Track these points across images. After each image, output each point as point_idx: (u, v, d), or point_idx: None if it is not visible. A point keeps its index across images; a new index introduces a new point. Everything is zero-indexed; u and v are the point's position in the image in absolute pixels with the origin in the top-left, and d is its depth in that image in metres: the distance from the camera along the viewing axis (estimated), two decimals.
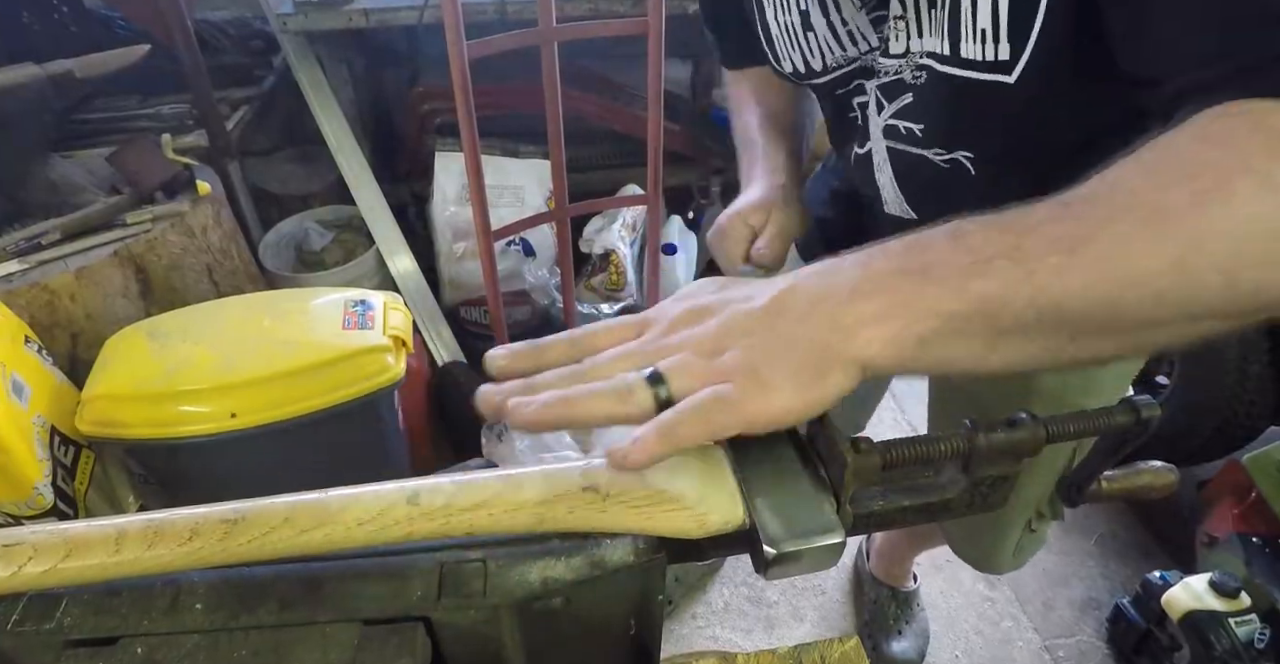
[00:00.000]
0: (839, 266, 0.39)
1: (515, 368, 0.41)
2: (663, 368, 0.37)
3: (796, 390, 0.36)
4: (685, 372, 0.37)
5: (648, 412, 0.36)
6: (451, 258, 1.89)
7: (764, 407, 0.35)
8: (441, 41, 1.23)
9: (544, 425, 0.37)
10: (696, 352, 0.38)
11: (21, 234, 1.32)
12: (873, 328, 0.36)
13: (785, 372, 0.36)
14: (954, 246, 0.37)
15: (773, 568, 0.35)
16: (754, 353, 0.36)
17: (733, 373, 0.36)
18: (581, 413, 0.36)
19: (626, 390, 0.36)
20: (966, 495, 0.40)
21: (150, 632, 0.34)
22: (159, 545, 0.34)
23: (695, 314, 0.40)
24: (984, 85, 0.52)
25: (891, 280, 0.37)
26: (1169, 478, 0.48)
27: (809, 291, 0.38)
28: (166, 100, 1.72)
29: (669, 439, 0.34)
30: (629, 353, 0.40)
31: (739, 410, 0.35)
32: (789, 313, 0.38)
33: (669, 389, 0.36)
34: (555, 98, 1.40)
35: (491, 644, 0.37)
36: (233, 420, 1.15)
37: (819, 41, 0.62)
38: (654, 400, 0.36)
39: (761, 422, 0.35)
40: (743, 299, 0.40)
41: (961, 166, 0.60)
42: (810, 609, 1.54)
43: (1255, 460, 1.36)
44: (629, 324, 0.42)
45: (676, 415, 0.35)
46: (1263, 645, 1.20)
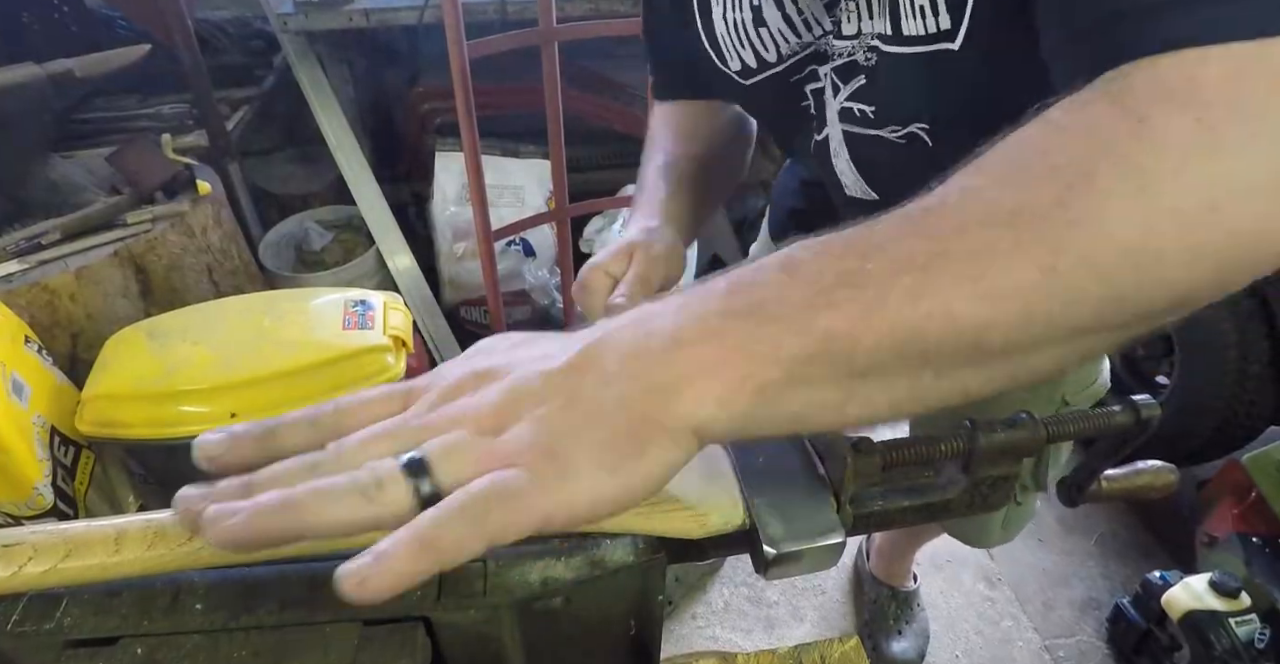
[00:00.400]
0: (655, 312, 0.32)
1: (233, 458, 0.32)
2: (427, 452, 0.30)
3: (607, 473, 0.29)
4: (456, 455, 0.29)
5: (404, 512, 0.28)
6: (451, 258, 1.89)
7: (563, 497, 0.29)
8: (441, 41, 1.23)
9: (258, 543, 0.28)
10: (474, 428, 0.30)
11: (21, 234, 1.32)
12: (700, 383, 0.30)
13: (591, 450, 0.29)
14: (788, 279, 0.31)
15: (773, 568, 0.35)
16: (548, 426, 0.30)
17: (520, 454, 0.29)
18: (311, 521, 0.28)
19: (374, 484, 0.28)
20: (966, 495, 0.40)
21: (150, 632, 0.34)
22: (159, 545, 0.34)
23: (477, 379, 0.33)
24: (931, 57, 0.52)
25: (718, 323, 0.31)
26: (1169, 478, 0.48)
27: (619, 345, 0.31)
28: (166, 100, 1.72)
29: (429, 552, 0.27)
30: (384, 433, 0.32)
31: (531, 504, 0.28)
32: (594, 373, 0.31)
33: (434, 480, 0.29)
34: (555, 98, 1.40)
35: (491, 644, 0.37)
36: (233, 420, 1.14)
37: (771, 34, 0.61)
38: (412, 496, 0.29)
39: (562, 517, 0.29)
40: (538, 358, 0.32)
41: (918, 139, 0.59)
42: (810, 609, 1.54)
43: (1255, 460, 1.36)
44: (394, 394, 0.34)
45: (440, 517, 0.27)
46: (1263, 645, 1.20)
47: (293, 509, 0.28)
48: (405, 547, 0.27)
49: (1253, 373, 1.44)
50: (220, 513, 0.28)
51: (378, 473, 0.29)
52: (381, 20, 1.71)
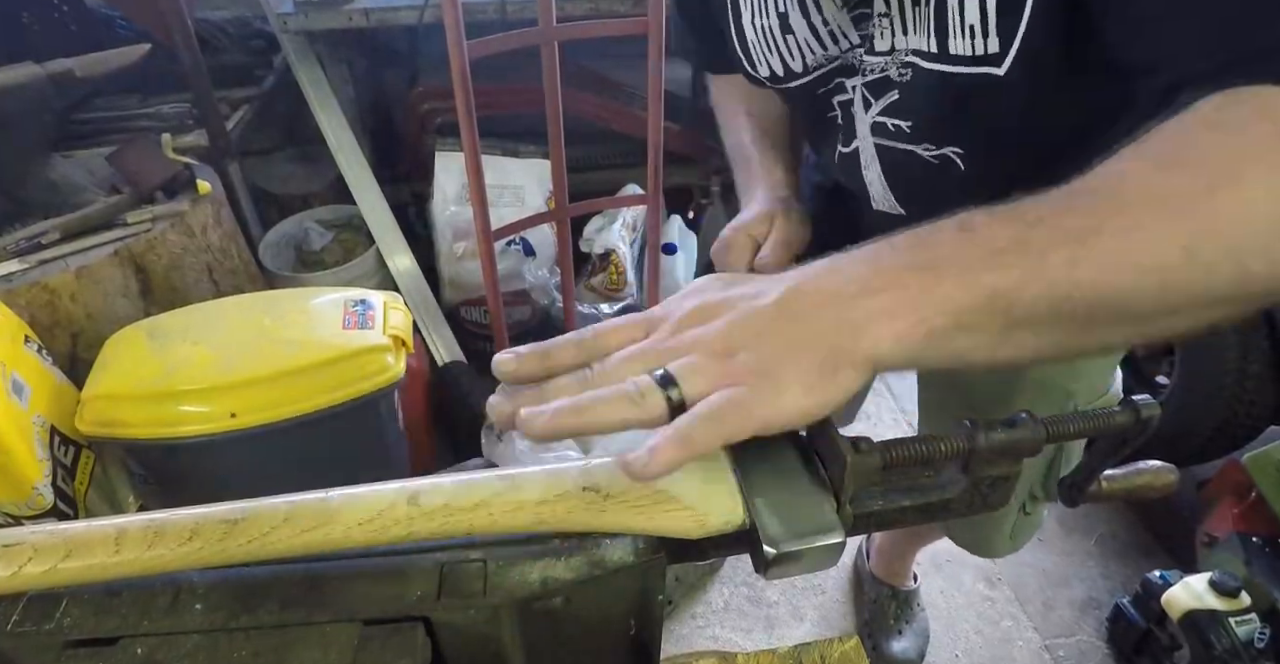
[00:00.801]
0: (846, 263, 0.38)
1: (523, 372, 0.40)
2: (674, 370, 0.36)
3: (808, 390, 0.35)
4: (697, 373, 0.36)
5: (661, 415, 0.35)
6: (451, 258, 1.89)
7: (778, 408, 0.35)
8: (442, 41, 1.23)
9: (559, 434, 0.36)
10: (707, 352, 0.37)
11: (21, 234, 1.32)
12: (882, 325, 0.35)
13: (797, 372, 0.35)
14: (962, 240, 0.37)
15: (773, 568, 0.35)
16: (764, 353, 0.36)
17: (744, 374, 0.35)
18: (594, 420, 0.35)
19: (638, 395, 0.35)
20: (966, 495, 0.40)
21: (150, 632, 0.34)
22: (159, 545, 0.34)
23: (703, 312, 0.39)
24: (973, 79, 0.52)
25: (900, 276, 0.36)
26: (1169, 478, 0.48)
27: (817, 289, 0.38)
28: (166, 100, 1.72)
29: (686, 446, 0.34)
30: (638, 354, 0.39)
31: (753, 413, 0.35)
32: (798, 311, 0.37)
33: (681, 392, 0.35)
34: (555, 98, 1.40)
35: (491, 644, 0.37)
36: (233, 420, 1.15)
37: (798, 43, 0.62)
38: (666, 404, 0.35)
39: (776, 423, 0.35)
40: (751, 296, 0.39)
41: (951, 162, 0.60)
42: (810, 609, 1.54)
43: (1255, 460, 1.36)
44: (637, 323, 0.41)
45: (691, 421, 0.34)
46: (1263, 645, 1.20)
47: (582, 411, 0.35)
48: (670, 441, 0.34)
49: (1253, 373, 1.44)
50: (531, 414, 0.36)
51: (640, 385, 0.36)
52: (381, 20, 1.71)
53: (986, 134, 0.57)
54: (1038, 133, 0.55)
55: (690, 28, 0.82)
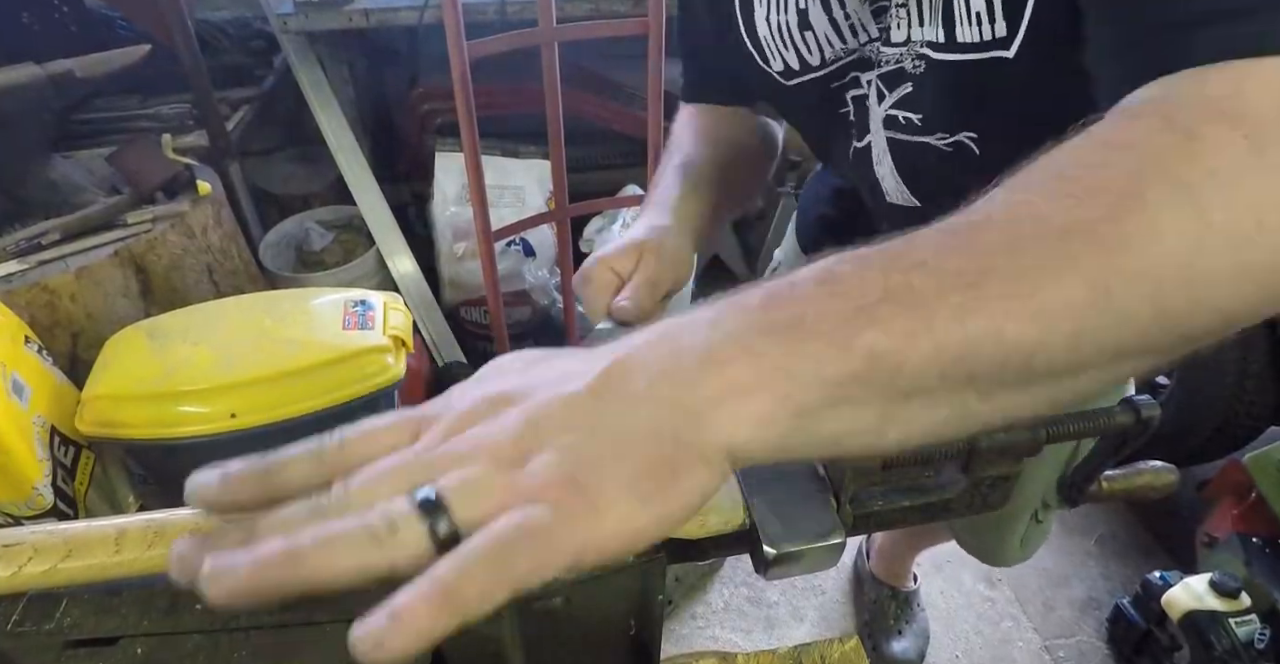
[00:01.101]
0: (685, 327, 0.30)
1: (231, 499, 0.30)
2: (443, 489, 0.27)
3: (640, 504, 0.27)
4: (474, 491, 0.27)
5: (419, 556, 0.26)
6: (451, 258, 1.89)
7: (594, 533, 0.27)
8: (441, 41, 1.23)
9: (263, 597, 0.26)
10: (492, 460, 0.28)
11: (21, 234, 1.32)
12: (735, 404, 0.28)
13: (620, 479, 0.27)
14: (829, 293, 0.30)
15: (773, 568, 0.35)
16: (574, 456, 0.27)
17: (545, 488, 0.27)
18: (317, 571, 0.26)
19: (386, 527, 0.26)
20: (966, 495, 0.40)
21: (150, 632, 0.35)
22: (159, 545, 0.34)
23: (494, 403, 0.30)
24: (983, 64, 0.52)
25: (755, 340, 0.29)
26: (1169, 478, 0.48)
27: (647, 364, 0.29)
28: (167, 100, 1.72)
29: (450, 605, 0.25)
30: (396, 468, 0.29)
31: (557, 544, 0.26)
32: (621, 395, 0.29)
33: (452, 519, 0.26)
34: (555, 98, 1.40)
35: (491, 644, 0.37)
36: (233, 420, 1.15)
37: (817, 38, 0.61)
38: (429, 538, 0.26)
39: (592, 556, 0.27)
40: (558, 379, 0.30)
41: (965, 148, 0.59)
42: (810, 609, 1.54)
43: (1255, 460, 1.36)
44: (403, 423, 0.32)
45: (460, 565, 0.25)
46: (1263, 645, 1.20)
47: (298, 559, 0.26)
48: (423, 601, 0.24)
49: (1253, 373, 1.44)
50: (218, 569, 0.26)
51: (390, 514, 0.26)
52: (381, 20, 1.71)
53: (1000, 118, 0.57)
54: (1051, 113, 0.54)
55: (685, 45, 0.78)
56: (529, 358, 0.34)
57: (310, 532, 0.26)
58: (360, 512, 0.27)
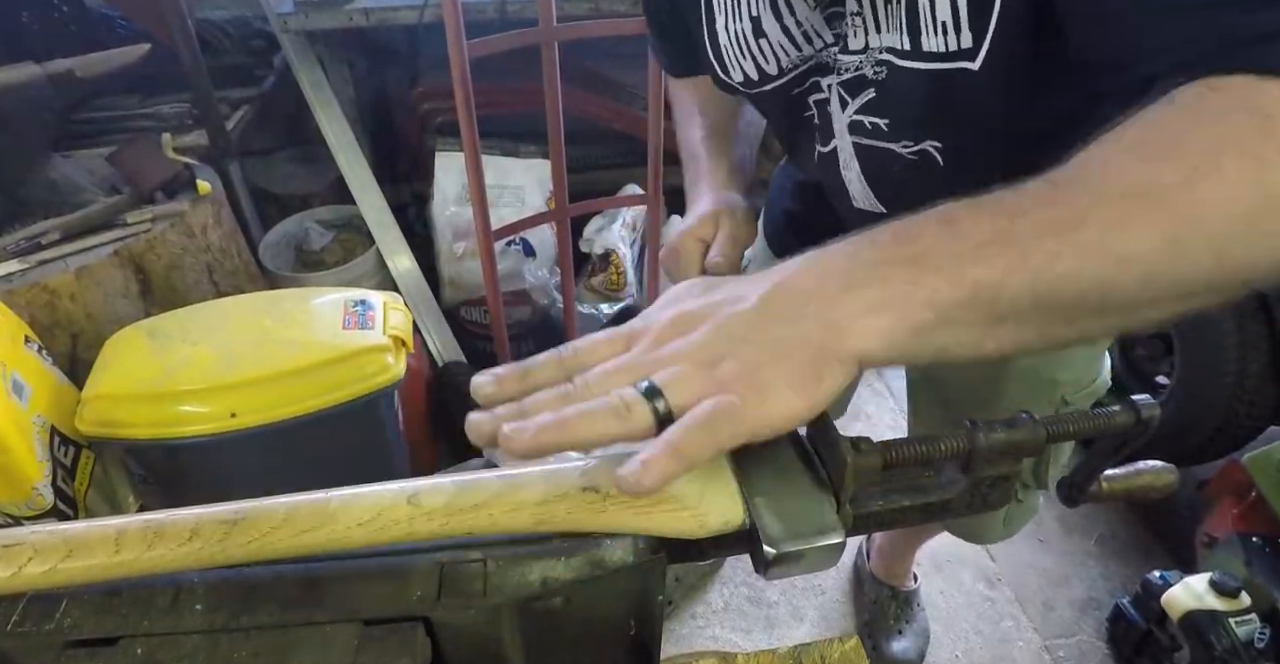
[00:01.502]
0: (827, 258, 0.38)
1: (503, 393, 0.39)
2: (658, 381, 0.35)
3: (797, 393, 0.35)
4: (682, 384, 0.35)
5: (648, 428, 0.35)
6: (451, 258, 1.89)
7: (767, 413, 0.34)
8: (442, 41, 1.23)
9: (542, 451, 0.35)
10: (691, 361, 0.36)
11: (21, 234, 1.32)
12: (866, 322, 0.35)
13: (783, 375, 0.35)
14: (945, 233, 0.36)
15: (773, 568, 0.35)
16: (750, 359, 0.35)
17: (731, 382, 0.35)
18: (579, 435, 0.35)
19: (624, 407, 0.35)
20: (966, 495, 0.40)
21: (150, 632, 0.34)
22: (159, 545, 0.34)
23: (684, 321, 0.39)
24: (948, 74, 0.52)
25: (883, 271, 0.36)
26: (1169, 478, 0.48)
27: (799, 288, 0.37)
28: (166, 100, 1.72)
29: (677, 457, 0.33)
30: (621, 367, 0.38)
31: (743, 420, 0.34)
32: (780, 312, 0.37)
33: (667, 403, 0.35)
34: (555, 98, 1.40)
35: (491, 644, 0.37)
36: (233, 420, 1.15)
37: (771, 46, 0.61)
38: (653, 415, 0.35)
39: (767, 429, 0.35)
40: (731, 301, 0.38)
41: (930, 157, 0.60)
42: (810, 609, 1.54)
43: (1255, 460, 1.36)
44: (617, 337, 0.40)
45: (682, 432, 0.34)
46: (1263, 645, 1.20)
47: (565, 427, 0.34)
48: (661, 452, 0.33)
49: (1253, 373, 1.44)
50: (514, 429, 0.35)
51: (625, 397, 0.35)
52: (381, 20, 1.71)
53: (964, 127, 0.57)
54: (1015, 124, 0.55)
55: (656, 31, 0.82)
56: (706, 284, 0.41)
57: (573, 407, 0.35)
58: (600, 397, 0.35)
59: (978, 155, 0.58)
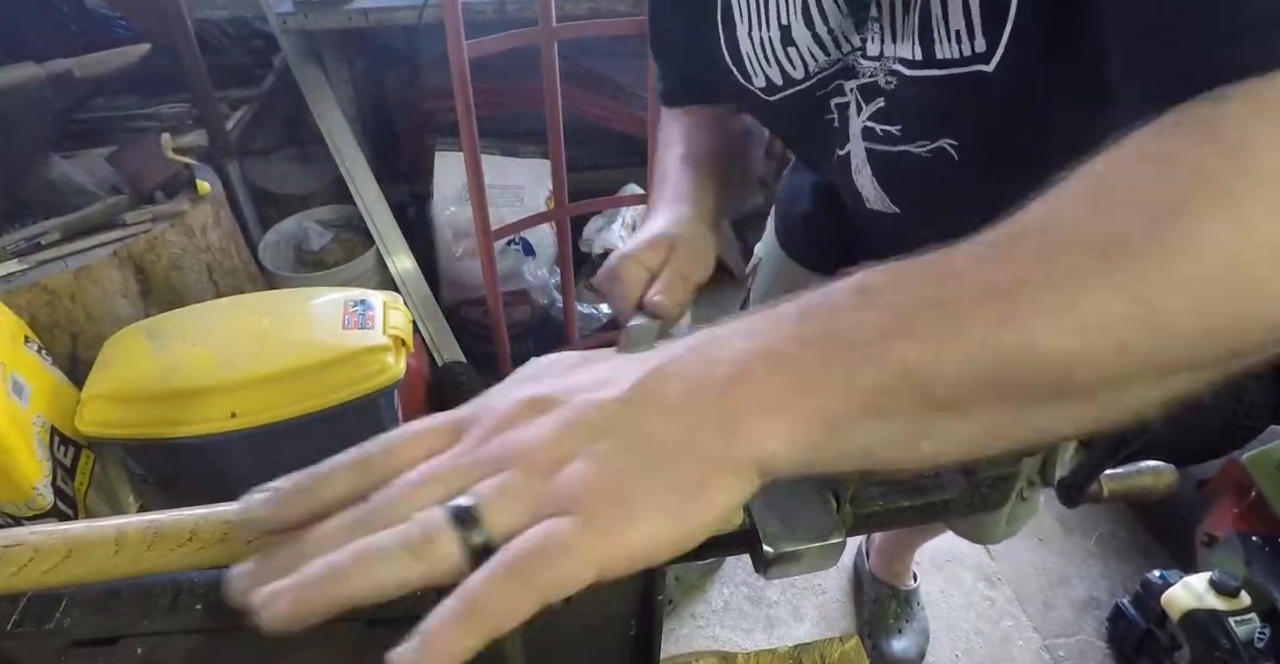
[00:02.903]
0: (721, 338, 0.31)
1: (283, 517, 0.30)
2: (477, 497, 0.28)
3: (669, 515, 0.27)
4: (508, 500, 0.28)
5: (454, 567, 0.27)
6: (451, 258, 1.89)
7: (621, 545, 0.27)
8: (441, 41, 1.23)
9: (313, 617, 0.27)
10: (527, 467, 0.28)
11: (21, 234, 1.32)
12: (766, 418, 0.28)
13: (651, 491, 0.27)
14: (864, 302, 0.30)
15: (772, 568, 0.35)
16: (608, 465, 0.28)
17: (576, 499, 0.27)
18: (358, 588, 0.26)
19: (421, 540, 0.27)
20: (966, 495, 0.40)
21: (150, 632, 0.35)
22: (159, 546, 0.34)
23: (530, 407, 0.31)
24: (963, 78, 0.52)
25: (789, 350, 0.29)
26: (1169, 478, 0.48)
27: (682, 375, 0.30)
28: (166, 100, 1.72)
29: (479, 622, 0.25)
30: (433, 475, 0.29)
31: (585, 556, 0.26)
32: (655, 405, 0.29)
33: (486, 531, 0.27)
34: (555, 97, 1.40)
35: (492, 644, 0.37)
36: (233, 420, 1.15)
37: (800, 52, 0.60)
38: (463, 550, 0.27)
39: (619, 565, 0.27)
40: (595, 385, 0.31)
41: (946, 154, 0.59)
42: (810, 609, 1.54)
43: (1255, 460, 1.36)
44: (441, 427, 0.32)
45: (486, 584, 0.26)
46: (1263, 645, 1.20)
47: (339, 579, 0.26)
48: (454, 621, 0.25)
49: (1253, 373, 1.43)
50: (269, 597, 0.27)
51: (425, 527, 0.27)
52: (381, 20, 1.71)
53: (979, 127, 0.56)
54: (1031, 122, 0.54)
55: (660, 52, 0.77)
56: (567, 362, 0.34)
57: (350, 548, 0.27)
58: (398, 523, 0.27)
59: (995, 151, 0.58)
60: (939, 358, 0.28)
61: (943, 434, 0.30)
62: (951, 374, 0.28)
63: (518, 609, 0.26)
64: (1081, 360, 0.28)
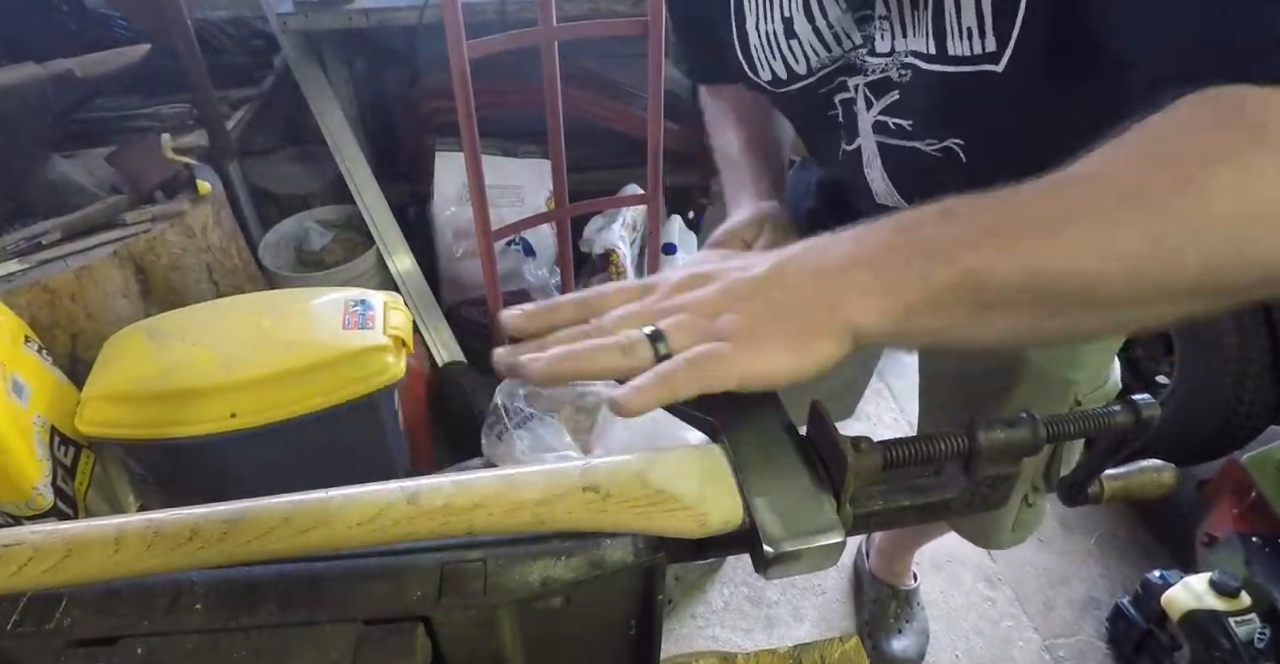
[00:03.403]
0: (833, 241, 0.41)
1: (529, 326, 0.44)
2: (663, 326, 0.39)
3: (788, 352, 0.38)
4: (683, 330, 0.39)
5: (647, 364, 0.38)
6: (451, 258, 1.89)
7: (756, 364, 0.37)
8: (441, 41, 1.23)
9: (555, 377, 0.39)
10: (695, 313, 0.40)
11: (21, 234, 1.32)
12: (863, 297, 0.38)
13: (777, 334, 0.38)
14: (943, 223, 0.39)
15: (772, 568, 0.35)
16: (749, 316, 0.39)
17: (728, 333, 0.38)
18: (587, 366, 0.39)
19: (629, 345, 0.39)
20: (967, 495, 0.40)
21: (150, 632, 0.34)
22: (159, 545, 0.34)
23: (696, 279, 0.43)
24: (972, 76, 0.53)
25: (882, 253, 0.39)
26: (1169, 478, 0.48)
27: (805, 263, 0.40)
28: (166, 100, 1.72)
29: (665, 387, 0.36)
30: (632, 313, 0.42)
31: (732, 366, 0.37)
32: (785, 281, 0.40)
33: (668, 345, 0.39)
34: (555, 98, 1.40)
35: (491, 644, 0.37)
36: (233, 420, 1.15)
37: (802, 46, 0.62)
38: (654, 355, 0.38)
39: (754, 379, 0.37)
40: (742, 267, 0.42)
41: (953, 154, 0.61)
42: (810, 609, 1.54)
43: (1255, 460, 1.36)
44: (634, 287, 0.45)
45: (673, 365, 0.37)
46: (1263, 645, 1.20)
47: (577, 358, 0.39)
48: (653, 381, 0.37)
49: (1253, 373, 1.44)
50: (531, 359, 0.39)
51: (631, 337, 0.39)
52: (381, 20, 1.71)
53: (988, 126, 0.58)
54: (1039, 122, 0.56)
55: (682, 38, 0.82)
56: (724, 253, 0.46)
57: (584, 343, 0.40)
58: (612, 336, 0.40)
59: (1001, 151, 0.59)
60: (993, 267, 0.37)
61: (991, 325, 0.38)
62: (1001, 280, 0.37)
63: (687, 386, 0.37)
64: (1104, 281, 0.36)
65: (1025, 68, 0.51)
